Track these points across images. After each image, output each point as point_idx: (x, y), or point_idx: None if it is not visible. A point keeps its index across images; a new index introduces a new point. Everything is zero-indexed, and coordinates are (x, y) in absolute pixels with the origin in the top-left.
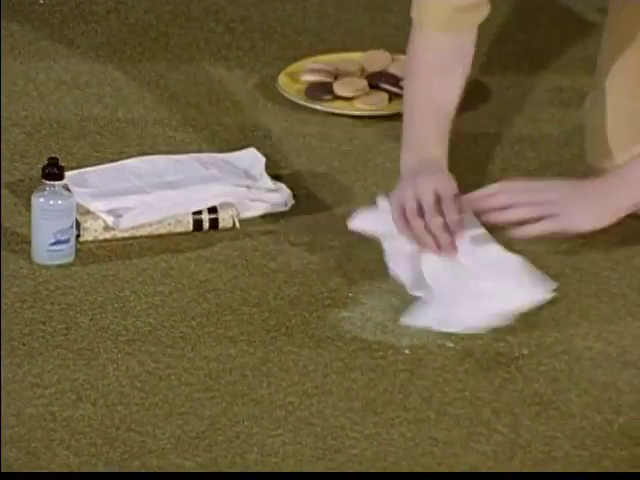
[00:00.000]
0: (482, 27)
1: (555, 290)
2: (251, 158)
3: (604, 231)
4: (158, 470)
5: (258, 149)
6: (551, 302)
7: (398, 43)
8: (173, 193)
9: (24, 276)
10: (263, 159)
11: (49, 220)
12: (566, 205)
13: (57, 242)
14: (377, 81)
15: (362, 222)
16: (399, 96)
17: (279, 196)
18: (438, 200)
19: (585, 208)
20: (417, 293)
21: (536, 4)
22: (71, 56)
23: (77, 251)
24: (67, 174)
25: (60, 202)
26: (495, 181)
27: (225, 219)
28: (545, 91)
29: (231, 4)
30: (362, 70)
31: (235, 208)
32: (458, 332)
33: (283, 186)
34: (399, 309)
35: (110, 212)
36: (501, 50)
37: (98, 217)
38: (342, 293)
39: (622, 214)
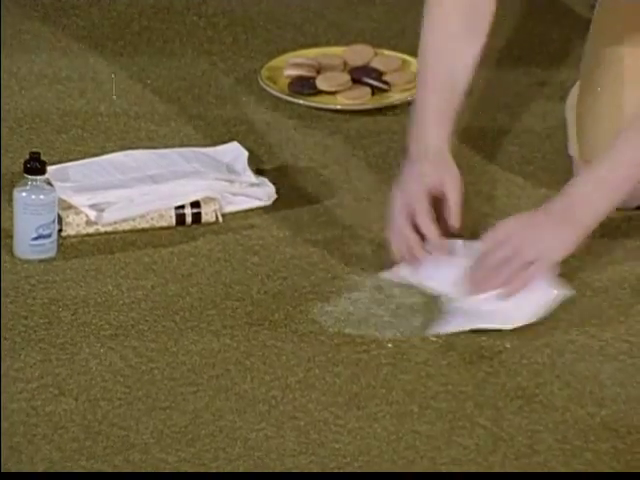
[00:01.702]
0: None
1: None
2: (234, 152)
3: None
4: (141, 465)
5: (241, 143)
6: None
7: (381, 37)
8: (155, 187)
9: (6, 271)
10: (246, 153)
11: (31, 215)
12: (536, 248)
13: (39, 237)
14: (360, 75)
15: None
16: (382, 90)
17: (262, 190)
18: (435, 200)
19: (553, 241)
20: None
21: None
22: (53, 50)
23: (59, 246)
24: (49, 168)
25: (42, 197)
26: (479, 174)
27: (208, 213)
28: (527, 85)
29: None
30: (345, 64)
31: (218, 202)
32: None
33: (266, 180)
34: (382, 303)
35: (92, 206)
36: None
37: (80, 211)
38: (325, 287)
39: (589, 232)
